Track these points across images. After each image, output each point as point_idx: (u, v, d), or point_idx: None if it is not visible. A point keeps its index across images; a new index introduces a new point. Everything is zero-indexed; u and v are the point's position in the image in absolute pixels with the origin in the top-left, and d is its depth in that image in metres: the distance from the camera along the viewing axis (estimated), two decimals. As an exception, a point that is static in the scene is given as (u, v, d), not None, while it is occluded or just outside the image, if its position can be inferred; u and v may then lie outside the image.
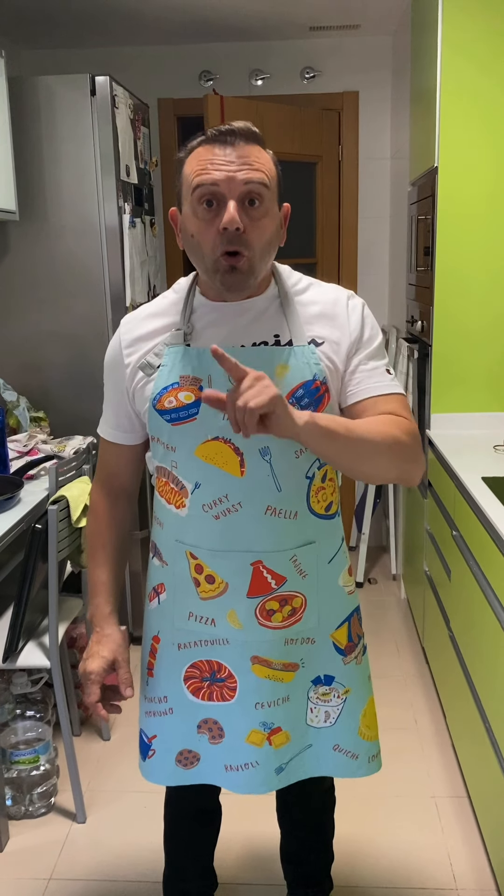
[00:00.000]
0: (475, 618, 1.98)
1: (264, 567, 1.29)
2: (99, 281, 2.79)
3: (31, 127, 2.69)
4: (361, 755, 1.46)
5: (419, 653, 2.99)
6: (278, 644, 1.35)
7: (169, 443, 1.27)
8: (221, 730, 1.39)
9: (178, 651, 1.38)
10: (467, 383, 2.69)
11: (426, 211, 2.73)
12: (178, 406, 1.24)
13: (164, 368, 1.26)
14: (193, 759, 1.42)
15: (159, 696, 1.42)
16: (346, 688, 1.43)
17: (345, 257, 3.82)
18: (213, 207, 1.15)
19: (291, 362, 1.23)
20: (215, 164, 1.14)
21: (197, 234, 1.17)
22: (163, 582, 1.39)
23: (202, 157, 1.16)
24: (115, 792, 2.27)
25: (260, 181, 1.14)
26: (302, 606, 1.34)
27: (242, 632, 1.32)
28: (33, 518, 2.08)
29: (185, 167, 1.19)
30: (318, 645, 1.39)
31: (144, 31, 3.39)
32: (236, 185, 1.13)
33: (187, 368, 1.24)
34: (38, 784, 2.18)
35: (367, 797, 2.21)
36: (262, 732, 1.37)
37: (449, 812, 2.15)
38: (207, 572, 1.31)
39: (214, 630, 1.34)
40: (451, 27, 2.44)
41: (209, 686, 1.38)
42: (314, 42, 3.60)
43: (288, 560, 1.31)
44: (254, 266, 1.18)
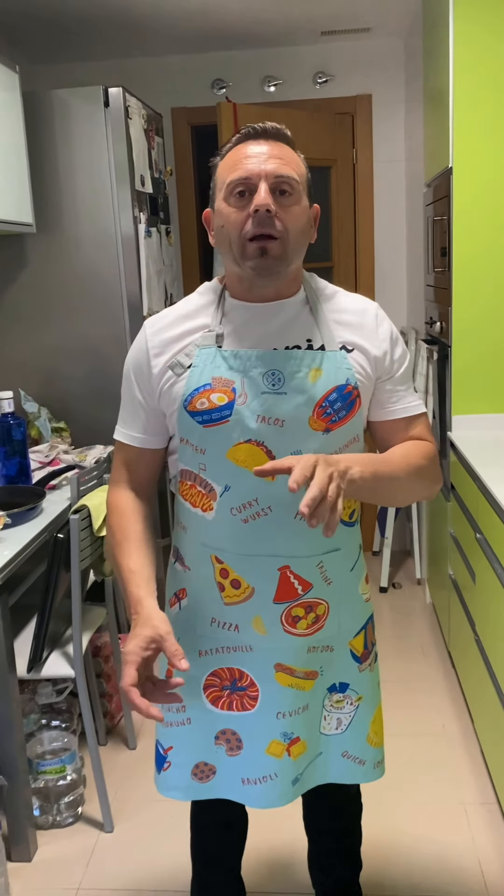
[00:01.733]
0: (500, 621, 1.95)
1: (291, 573, 1.28)
2: (116, 291, 2.80)
3: (46, 140, 2.71)
4: (368, 761, 1.46)
5: (445, 657, 2.96)
6: (302, 652, 1.34)
7: (199, 445, 1.26)
8: (240, 741, 1.37)
9: (198, 658, 1.36)
10: (487, 384, 2.67)
11: (442, 212, 2.71)
12: (211, 408, 1.23)
13: (195, 369, 1.25)
14: (209, 773, 1.41)
15: (177, 705, 1.40)
16: (359, 695, 1.43)
17: (361, 260, 3.81)
18: (245, 196, 1.18)
19: (325, 366, 1.24)
20: (248, 157, 1.18)
21: (227, 221, 1.20)
22: (185, 587, 1.38)
23: (236, 154, 1.20)
24: (143, 801, 2.27)
25: (289, 175, 1.19)
26: (325, 614, 1.34)
27: (267, 638, 1.31)
28: (55, 528, 2.09)
29: (221, 166, 1.23)
30: (336, 652, 1.38)
31: (156, 41, 3.41)
32: (267, 176, 1.17)
33: (220, 370, 1.24)
34: (65, 794, 2.18)
35: (394, 804, 2.19)
36: (282, 743, 1.36)
37: (479, 819, 2.12)
38: (233, 577, 1.30)
39: (238, 636, 1.33)
40: (462, 28, 2.43)
41: (229, 695, 1.36)
42: (326, 47, 3.60)
43: (315, 566, 1.30)
44: (286, 251, 1.20)
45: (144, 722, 2.66)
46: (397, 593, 3.58)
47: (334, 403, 1.24)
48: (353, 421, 1.26)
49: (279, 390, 1.22)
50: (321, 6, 3.08)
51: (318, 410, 1.23)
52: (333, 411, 1.23)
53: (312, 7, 3.08)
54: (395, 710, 2.57)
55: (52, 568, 2.01)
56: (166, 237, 3.18)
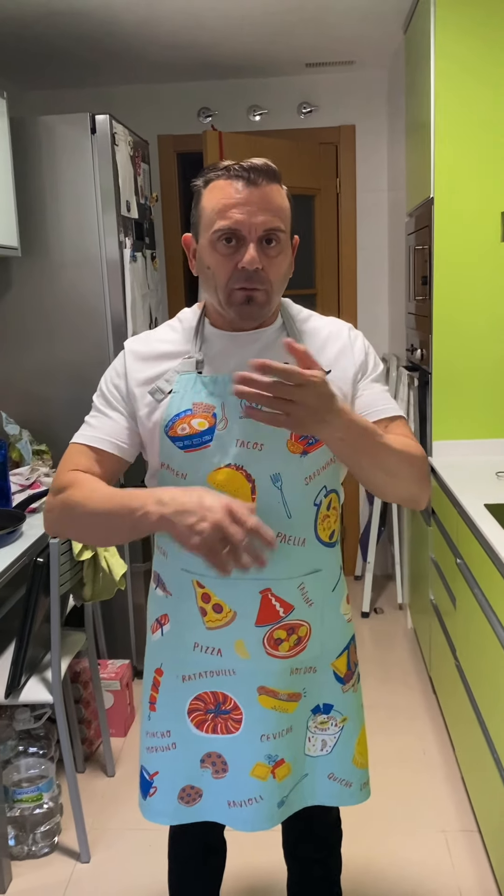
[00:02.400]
0: (480, 646, 1.96)
1: (273, 595, 1.29)
2: (101, 315, 2.81)
3: (33, 165, 2.73)
4: (355, 783, 1.46)
5: (427, 683, 2.95)
6: (285, 674, 1.34)
7: (180, 470, 1.26)
8: (225, 763, 1.37)
9: (181, 683, 1.36)
10: (468, 410, 2.69)
11: (423, 241, 2.76)
12: (192, 433, 1.24)
13: (175, 395, 1.26)
14: (196, 796, 1.40)
15: (162, 730, 1.40)
16: (343, 716, 1.43)
17: (344, 288, 3.85)
18: (233, 244, 1.19)
19: None
20: (238, 204, 1.17)
21: (214, 267, 1.21)
22: (166, 612, 1.37)
23: (224, 194, 1.18)
24: (120, 830, 2.24)
25: (278, 228, 1.19)
26: (307, 635, 1.35)
27: (250, 662, 1.32)
28: (35, 552, 2.07)
29: (204, 199, 1.22)
30: (319, 674, 1.39)
31: (144, 69, 3.46)
32: (256, 228, 1.17)
33: (200, 395, 1.25)
34: (41, 823, 2.14)
35: (375, 832, 2.17)
36: (266, 766, 1.35)
37: (459, 847, 2.11)
38: (215, 601, 1.30)
39: (221, 660, 1.33)
40: (444, 63, 2.49)
41: (213, 718, 1.36)
42: (310, 78, 3.67)
43: (296, 588, 1.31)
44: (270, 299, 1.23)
45: (123, 748, 2.63)
46: (379, 618, 3.57)
47: None
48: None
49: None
50: (306, 39, 3.14)
51: (296, 434, 1.24)
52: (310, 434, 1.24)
53: (298, 40, 3.14)
54: (376, 735, 2.56)
55: (31, 592, 2.00)
56: (151, 262, 3.20)
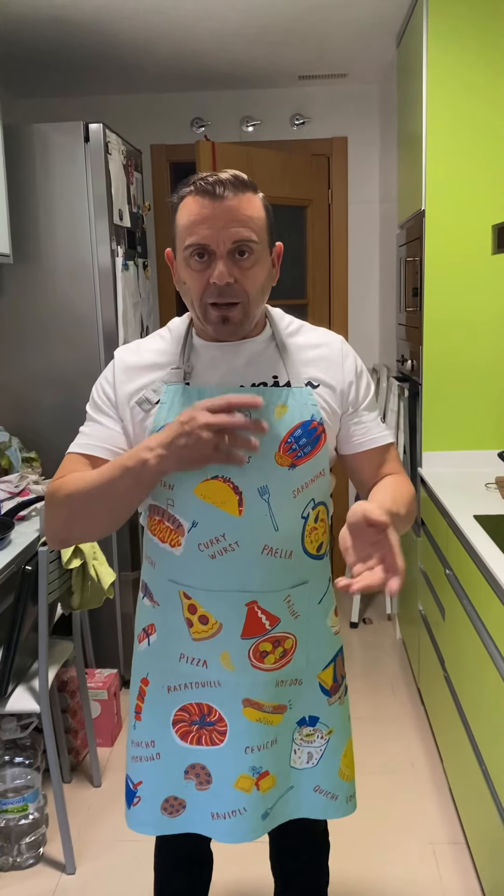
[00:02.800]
0: (469, 657, 1.96)
1: (259, 607, 1.29)
2: (92, 323, 2.81)
3: (26, 172, 2.74)
4: (341, 796, 1.45)
5: (415, 694, 2.95)
6: (270, 686, 1.34)
7: (167, 481, 1.26)
8: (209, 775, 1.36)
9: (167, 694, 1.36)
10: (458, 421, 2.71)
11: (414, 253, 2.77)
12: None
13: (163, 406, 1.26)
14: (179, 807, 1.39)
15: (147, 740, 1.39)
16: (329, 728, 1.42)
17: (335, 298, 3.87)
18: (205, 259, 1.18)
19: (290, 403, 1.26)
20: (205, 220, 1.16)
21: (188, 282, 1.21)
22: (153, 622, 1.37)
23: (192, 211, 1.17)
24: (106, 841, 2.22)
25: (248, 239, 1.17)
26: (293, 647, 1.34)
27: (234, 674, 1.31)
28: (24, 559, 2.06)
29: (178, 215, 1.21)
30: (304, 686, 1.38)
31: (138, 79, 3.48)
32: (225, 242, 1.16)
33: (187, 406, 1.23)
34: (26, 833, 2.12)
35: (362, 843, 2.16)
36: (251, 778, 1.35)
37: (447, 859, 2.11)
38: (201, 612, 1.30)
39: (206, 672, 1.32)
40: (436, 75, 2.51)
41: (198, 730, 1.35)
42: (303, 90, 3.69)
43: (282, 600, 1.31)
44: (248, 313, 1.22)
45: (110, 758, 2.61)
46: (368, 629, 3.57)
47: (300, 439, 1.25)
48: (318, 456, 1.28)
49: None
50: (300, 51, 3.16)
51: (284, 446, 1.24)
52: (299, 447, 1.25)
53: (291, 52, 3.16)
54: (364, 747, 2.56)
55: (19, 600, 1.99)
56: (143, 270, 3.20)
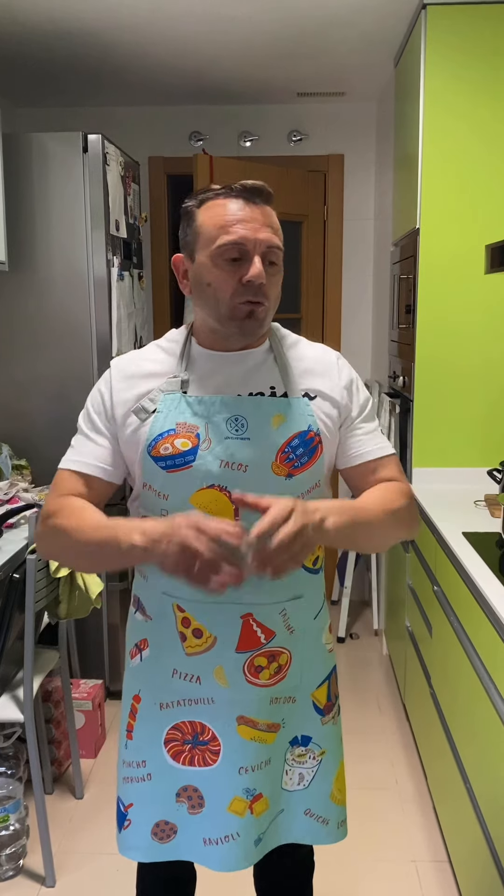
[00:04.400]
0: (455, 674, 1.96)
1: (254, 620, 1.28)
2: (86, 332, 2.81)
3: (24, 181, 2.74)
4: (332, 820, 1.42)
5: (401, 710, 2.95)
6: (265, 703, 1.32)
7: (162, 490, 1.25)
8: (202, 798, 1.33)
9: (159, 711, 1.33)
10: (448, 438, 2.72)
11: (408, 270, 2.79)
12: (175, 453, 1.23)
13: (159, 415, 1.25)
14: (170, 832, 1.36)
15: (138, 760, 1.36)
16: (322, 749, 1.40)
17: (328, 313, 3.89)
18: (237, 260, 1.20)
19: (287, 413, 1.26)
20: (242, 221, 1.19)
21: (216, 283, 1.21)
22: (146, 637, 1.35)
23: (226, 211, 1.20)
24: (87, 854, 2.20)
25: (278, 246, 1.22)
26: (287, 663, 1.33)
27: (229, 690, 1.29)
28: (11, 567, 2.05)
29: (201, 218, 1.22)
30: (298, 704, 1.36)
31: (137, 92, 3.50)
32: (260, 245, 1.20)
33: (184, 415, 1.25)
34: (6, 845, 2.10)
35: (345, 861, 2.15)
36: (244, 800, 1.32)
37: (430, 877, 2.10)
38: (195, 626, 1.28)
39: (199, 688, 1.31)
40: (433, 96, 2.54)
41: (191, 749, 1.33)
42: (301, 107, 3.72)
43: (278, 614, 1.30)
44: (267, 316, 1.25)
45: (93, 770, 2.59)
46: (354, 644, 3.57)
47: (296, 449, 1.25)
48: (315, 467, 1.28)
49: (243, 436, 1.23)
50: (299, 69, 3.19)
51: (281, 456, 1.25)
52: (296, 457, 1.25)
53: (291, 69, 3.19)
54: (348, 762, 2.55)
55: (5, 608, 1.98)
56: (138, 281, 3.21)
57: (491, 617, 1.64)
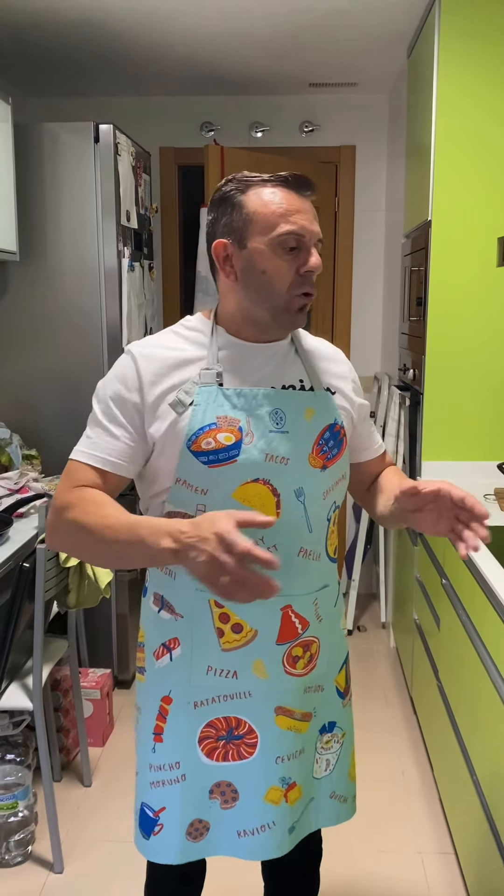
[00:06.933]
0: (463, 668, 1.96)
1: (293, 611, 1.28)
2: (96, 322, 2.82)
3: (35, 171, 2.74)
4: (349, 797, 1.47)
5: (407, 702, 2.95)
6: (300, 692, 1.33)
7: (201, 486, 1.21)
8: (235, 792, 1.32)
9: (193, 710, 1.30)
10: (458, 432, 2.71)
11: (419, 263, 2.78)
12: (218, 448, 1.19)
13: (197, 408, 1.21)
14: (203, 830, 1.34)
15: (170, 762, 1.32)
16: (343, 731, 1.44)
17: (339, 305, 3.88)
18: (294, 250, 1.21)
19: (316, 406, 1.29)
20: (300, 212, 1.20)
21: (272, 272, 1.20)
22: (177, 636, 1.30)
23: (284, 200, 1.20)
24: (95, 841, 2.22)
25: (321, 239, 1.24)
26: (317, 652, 1.34)
27: (268, 682, 1.29)
28: (21, 557, 2.06)
29: (253, 204, 1.20)
30: (325, 692, 1.39)
31: (148, 82, 3.49)
32: (314, 236, 1.22)
33: (223, 408, 1.22)
34: (15, 831, 2.12)
35: (352, 851, 2.16)
36: (280, 789, 1.32)
37: (435, 868, 2.11)
38: (235, 621, 1.26)
39: (236, 683, 1.29)
40: (446, 87, 2.52)
41: (224, 745, 1.31)
42: (313, 97, 3.70)
43: (311, 603, 1.31)
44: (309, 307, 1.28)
45: (101, 758, 2.61)
46: (362, 636, 3.57)
47: (328, 441, 1.28)
48: (343, 458, 1.32)
49: (282, 429, 1.24)
50: (311, 59, 3.17)
51: (316, 448, 1.27)
52: (328, 449, 1.28)
53: (302, 60, 3.18)
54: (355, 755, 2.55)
55: (15, 597, 1.99)
56: (149, 272, 3.21)
57: (499, 610, 1.64)
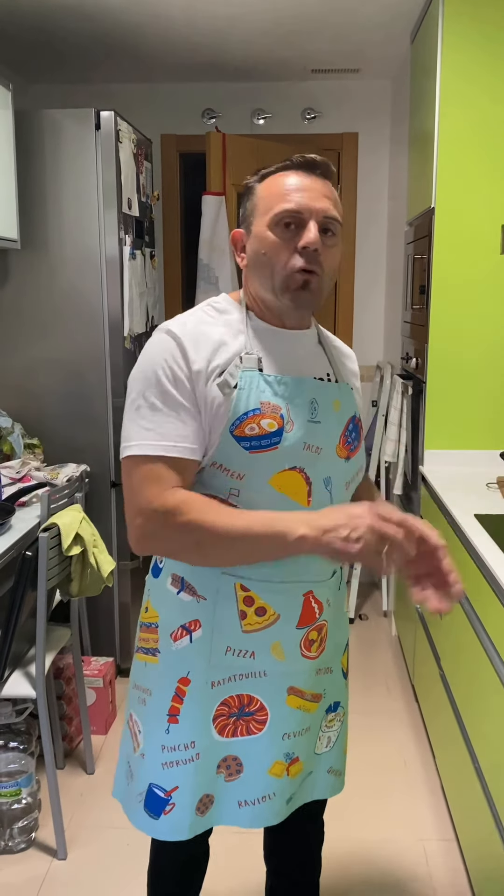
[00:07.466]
0: (466, 657, 1.96)
1: (313, 597, 1.32)
2: (97, 311, 2.81)
3: (35, 158, 2.73)
4: (342, 771, 1.51)
5: (409, 691, 2.96)
6: (312, 674, 1.37)
7: (238, 470, 1.20)
8: (240, 765, 1.35)
9: (210, 690, 1.31)
10: (460, 421, 2.71)
11: (422, 250, 2.77)
12: (261, 434, 1.19)
13: (242, 391, 1.19)
14: (209, 803, 1.36)
15: (185, 742, 1.32)
16: (344, 710, 1.48)
17: (341, 294, 3.86)
18: (292, 229, 1.20)
19: (342, 399, 1.31)
20: (301, 190, 1.19)
21: (270, 251, 1.20)
22: (198, 618, 1.30)
23: (288, 180, 1.21)
24: (98, 828, 2.23)
25: (335, 217, 1.21)
26: (326, 635, 1.38)
27: (284, 664, 1.32)
28: (24, 545, 2.06)
29: (262, 191, 1.23)
30: (333, 673, 1.43)
31: (150, 68, 3.46)
32: (317, 213, 1.19)
33: (265, 394, 1.21)
34: (18, 818, 2.13)
35: (353, 839, 2.17)
36: (283, 763, 1.36)
37: (437, 856, 2.12)
38: (259, 604, 1.28)
39: (252, 663, 1.31)
40: (451, 72, 2.50)
41: (235, 721, 1.33)
42: (315, 84, 3.68)
43: (327, 589, 1.35)
44: (321, 289, 1.23)
45: (103, 746, 2.62)
46: (363, 625, 3.58)
47: (351, 434, 1.31)
48: (361, 450, 1.34)
49: (316, 419, 1.25)
50: (313, 45, 3.15)
51: (342, 439, 1.29)
52: (352, 441, 1.30)
53: (304, 45, 3.15)
54: (356, 743, 2.56)
55: (18, 586, 1.99)
56: (150, 260, 3.20)
57: (502, 598, 1.64)
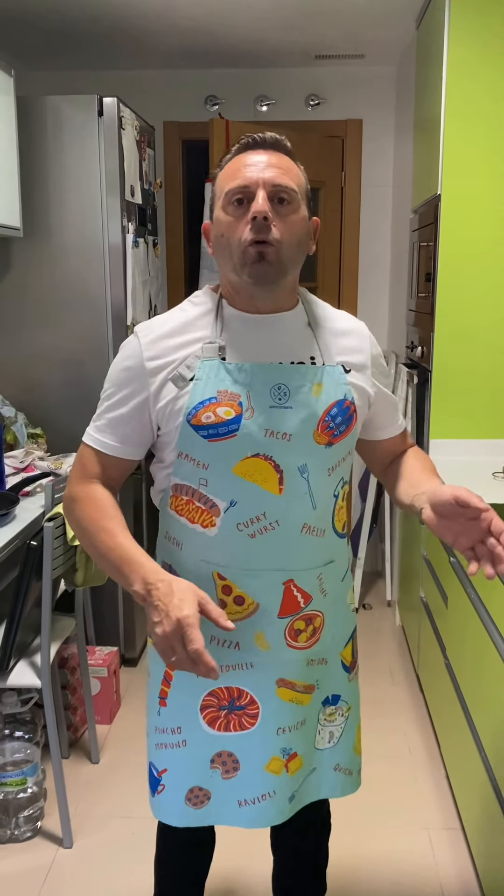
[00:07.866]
0: (472, 646, 1.96)
1: (295, 586, 1.29)
2: (100, 299, 2.79)
3: (38, 145, 2.71)
4: (354, 771, 1.48)
5: (413, 680, 2.96)
6: (302, 665, 1.34)
7: (202, 460, 1.22)
8: (237, 762, 1.34)
9: (195, 679, 1.31)
10: (466, 410, 2.69)
11: (428, 238, 2.75)
12: (218, 422, 1.20)
13: (198, 382, 1.21)
14: (204, 798, 1.36)
15: (172, 726, 1.35)
16: (349, 705, 1.45)
17: (345, 282, 3.84)
18: (244, 205, 1.18)
19: (325, 381, 1.26)
20: (247, 166, 1.18)
21: (227, 231, 1.19)
22: None
23: (235, 163, 1.20)
24: (103, 817, 2.23)
25: (287, 185, 1.18)
26: (321, 626, 1.35)
27: (269, 653, 1.31)
28: (28, 535, 2.06)
29: (219, 177, 1.23)
30: (329, 664, 1.40)
31: (152, 55, 3.43)
32: (265, 183, 1.17)
33: (224, 383, 1.21)
34: (24, 807, 2.14)
35: (359, 827, 2.17)
36: (281, 759, 1.34)
37: (442, 844, 2.12)
38: (237, 593, 1.28)
39: (238, 654, 1.30)
40: (457, 58, 2.47)
41: (227, 715, 1.33)
42: (319, 70, 3.64)
43: (315, 578, 1.31)
44: (282, 259, 1.19)
45: (108, 735, 2.62)
46: (367, 614, 3.58)
47: (335, 418, 1.26)
48: (351, 435, 1.30)
49: (285, 404, 1.22)
50: (317, 31, 3.11)
51: (322, 424, 1.25)
52: (335, 426, 1.26)
53: (308, 31, 3.12)
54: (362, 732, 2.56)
55: (23, 576, 1.99)
56: (153, 248, 3.18)
57: (510, 588, 1.63)
